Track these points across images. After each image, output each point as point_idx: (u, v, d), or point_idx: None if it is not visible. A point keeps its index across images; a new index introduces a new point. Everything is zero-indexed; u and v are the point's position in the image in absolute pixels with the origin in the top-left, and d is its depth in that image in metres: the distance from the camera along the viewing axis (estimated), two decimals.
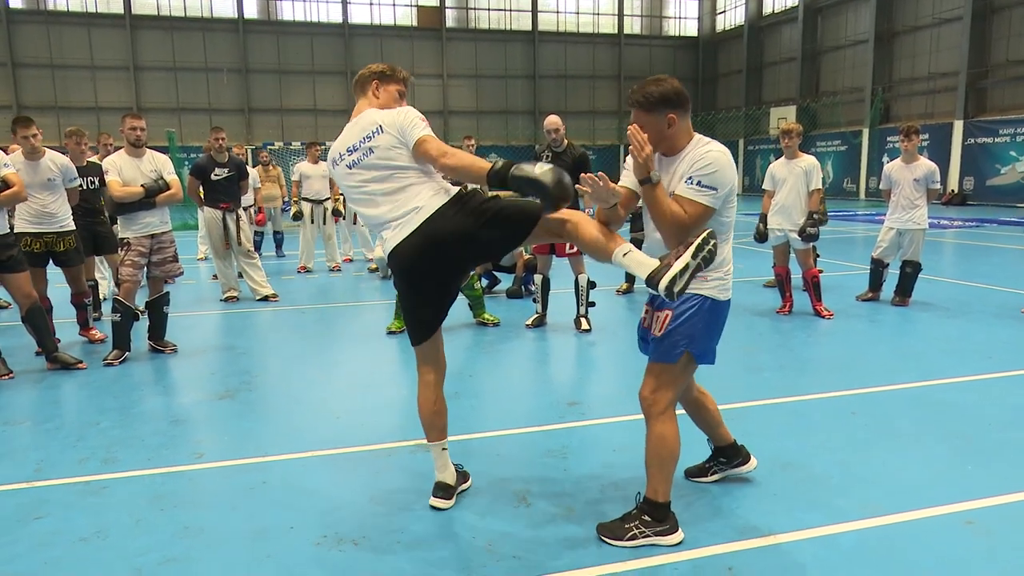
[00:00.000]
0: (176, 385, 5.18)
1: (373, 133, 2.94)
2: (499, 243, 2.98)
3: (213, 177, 7.87)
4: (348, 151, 2.99)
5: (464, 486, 3.28)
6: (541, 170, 2.72)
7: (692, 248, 2.56)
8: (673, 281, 2.53)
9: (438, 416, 3.15)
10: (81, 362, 5.43)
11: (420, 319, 3.07)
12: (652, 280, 2.59)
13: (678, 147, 2.79)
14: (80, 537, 2.90)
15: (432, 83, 33.71)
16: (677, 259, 2.57)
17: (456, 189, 2.96)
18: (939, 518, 2.98)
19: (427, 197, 2.88)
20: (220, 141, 7.91)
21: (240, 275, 8.29)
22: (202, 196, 8.03)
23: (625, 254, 2.72)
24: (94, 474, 3.51)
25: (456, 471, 3.24)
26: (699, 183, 2.67)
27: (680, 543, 2.80)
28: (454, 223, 2.84)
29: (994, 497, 3.14)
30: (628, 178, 2.90)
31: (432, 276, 2.95)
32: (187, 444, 3.94)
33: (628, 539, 2.78)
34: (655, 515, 2.81)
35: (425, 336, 3.08)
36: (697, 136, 2.80)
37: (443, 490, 3.15)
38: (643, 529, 2.79)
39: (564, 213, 2.84)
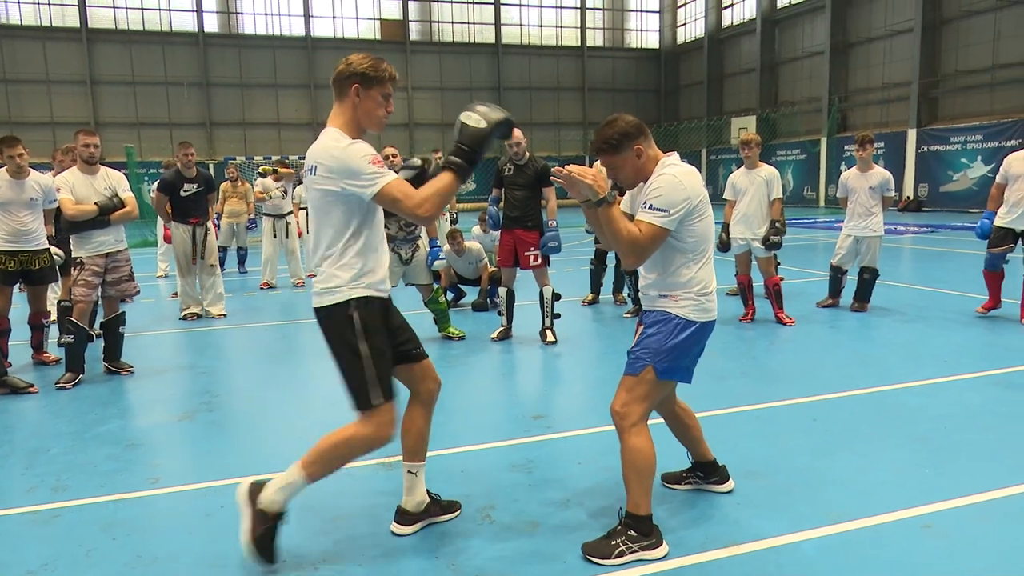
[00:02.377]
0: (132, 408, 5.04)
1: (311, 169, 2.68)
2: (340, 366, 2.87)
3: (182, 193, 7.72)
4: (307, 171, 2.74)
5: (446, 517, 3.14)
6: (475, 119, 2.73)
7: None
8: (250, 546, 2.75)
9: (406, 437, 3.05)
10: (32, 386, 5.26)
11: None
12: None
13: (648, 173, 2.87)
14: (27, 570, 2.79)
15: (397, 96, 33.02)
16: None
17: (346, 297, 2.73)
18: (898, 522, 3.02)
19: (330, 281, 2.72)
20: (189, 156, 7.78)
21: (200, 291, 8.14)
22: (169, 212, 7.85)
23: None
24: (43, 503, 3.39)
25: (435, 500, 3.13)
26: (650, 206, 2.76)
27: (665, 555, 2.79)
28: (323, 328, 2.81)
29: (951, 500, 3.19)
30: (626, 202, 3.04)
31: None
32: (143, 469, 3.83)
33: (616, 556, 2.75)
34: (640, 529, 2.80)
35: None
36: (662, 160, 2.88)
37: (399, 514, 3.06)
38: (630, 544, 2.77)
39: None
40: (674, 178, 2.76)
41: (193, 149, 7.89)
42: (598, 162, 3.31)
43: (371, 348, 2.75)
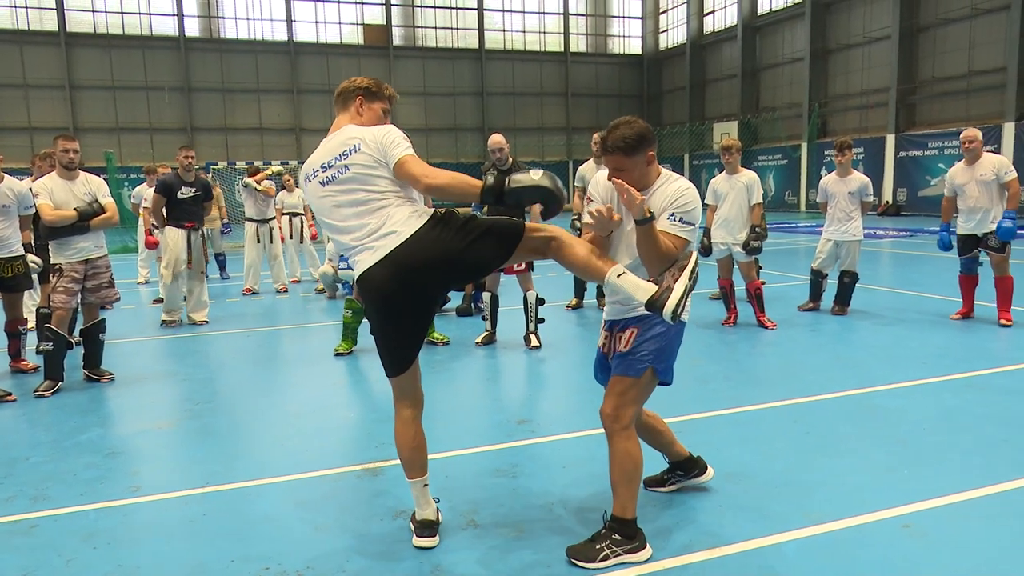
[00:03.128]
0: (113, 416, 4.99)
1: (351, 150, 2.79)
2: (483, 265, 2.83)
3: (179, 196, 7.66)
4: (323, 167, 2.82)
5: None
6: (538, 175, 2.68)
7: (688, 271, 2.61)
8: (678, 305, 2.57)
9: (418, 452, 2.95)
10: (10, 394, 5.19)
11: (397, 350, 2.87)
12: (654, 304, 2.58)
13: (650, 181, 2.85)
14: None
15: None
16: (676, 282, 2.59)
17: (432, 210, 2.80)
18: (878, 523, 3.05)
19: (402, 220, 2.72)
20: (189, 159, 7.73)
21: (184, 298, 8.07)
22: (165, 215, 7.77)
23: (620, 275, 2.66)
24: (22, 513, 3.34)
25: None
26: (681, 219, 2.75)
27: (649, 558, 2.81)
28: (434, 247, 2.69)
29: (929, 500, 3.23)
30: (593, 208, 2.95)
31: (408, 304, 2.76)
32: (123, 477, 3.79)
33: (601, 560, 2.76)
34: (624, 532, 2.82)
35: (402, 368, 2.88)
36: (664, 171, 2.88)
37: (427, 528, 2.96)
38: (614, 548, 2.79)
39: (550, 230, 2.79)
40: (693, 190, 2.80)
41: (193, 153, 7.88)
42: (592, 170, 3.27)
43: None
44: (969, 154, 6.75)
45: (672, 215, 2.75)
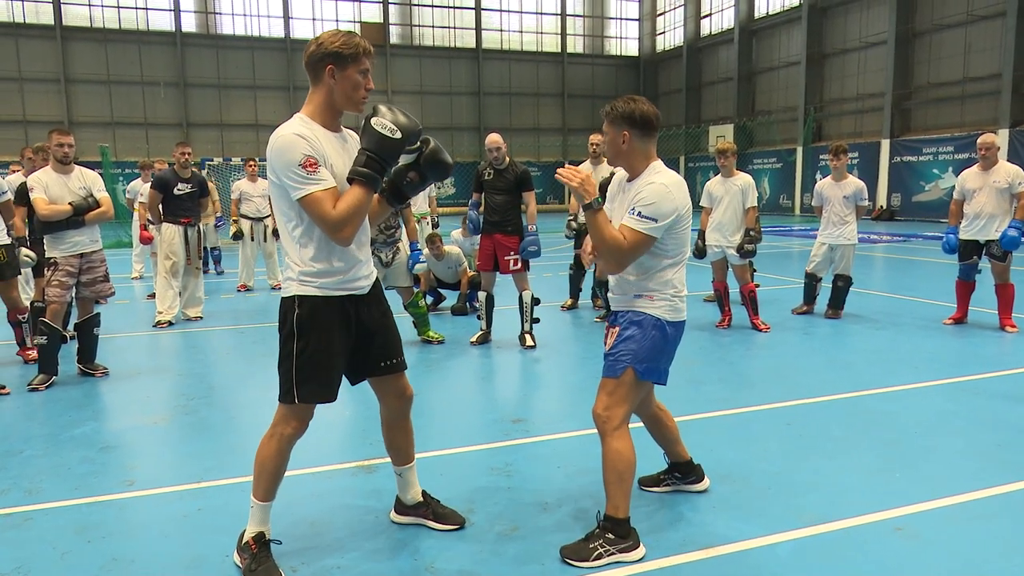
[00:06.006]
0: (107, 410, 4.98)
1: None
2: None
3: (176, 192, 7.65)
4: None
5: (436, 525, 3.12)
6: (395, 133, 2.57)
7: None
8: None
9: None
10: (3, 387, 5.18)
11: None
12: None
13: (636, 170, 2.90)
14: (0, 573, 2.75)
15: (377, 99, 33.30)
16: None
17: (292, 292, 2.69)
18: (871, 525, 3.07)
19: (285, 273, 2.74)
20: (186, 156, 7.73)
21: (180, 293, 8.05)
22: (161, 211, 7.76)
23: None
24: (16, 506, 3.34)
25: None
26: (639, 213, 2.78)
27: (643, 557, 2.82)
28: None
29: (921, 503, 3.26)
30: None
31: None
32: (118, 471, 3.79)
33: (594, 559, 2.78)
34: (617, 531, 2.83)
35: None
36: (653, 165, 2.90)
37: (396, 503, 3.21)
38: (608, 547, 2.80)
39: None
40: (664, 188, 2.79)
41: (190, 149, 7.88)
42: (588, 170, 3.34)
43: (300, 349, 2.68)
44: (985, 160, 6.74)
45: (632, 209, 2.80)
